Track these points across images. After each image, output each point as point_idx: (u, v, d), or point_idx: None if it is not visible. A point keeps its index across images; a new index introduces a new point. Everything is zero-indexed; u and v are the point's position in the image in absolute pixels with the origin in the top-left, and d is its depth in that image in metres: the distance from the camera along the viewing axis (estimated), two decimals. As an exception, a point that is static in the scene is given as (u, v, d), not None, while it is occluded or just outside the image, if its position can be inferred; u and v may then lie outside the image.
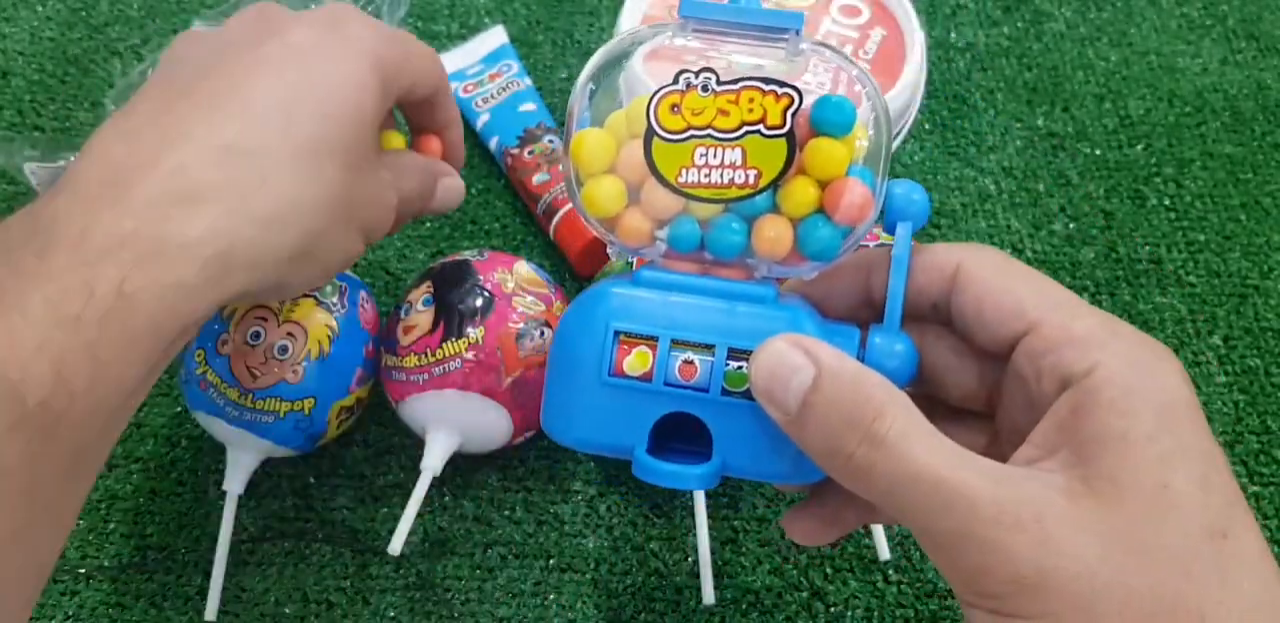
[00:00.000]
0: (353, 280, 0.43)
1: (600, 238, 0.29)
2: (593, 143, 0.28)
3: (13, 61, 0.58)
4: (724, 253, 0.28)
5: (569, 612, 0.41)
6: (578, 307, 0.28)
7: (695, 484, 0.26)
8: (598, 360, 0.27)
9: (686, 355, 0.26)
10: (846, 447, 0.23)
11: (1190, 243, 0.53)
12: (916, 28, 0.44)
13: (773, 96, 0.26)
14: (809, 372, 0.24)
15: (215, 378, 0.40)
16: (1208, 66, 0.60)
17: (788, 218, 0.27)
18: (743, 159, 0.27)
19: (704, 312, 0.27)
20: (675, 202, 0.27)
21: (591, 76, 0.28)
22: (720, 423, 0.26)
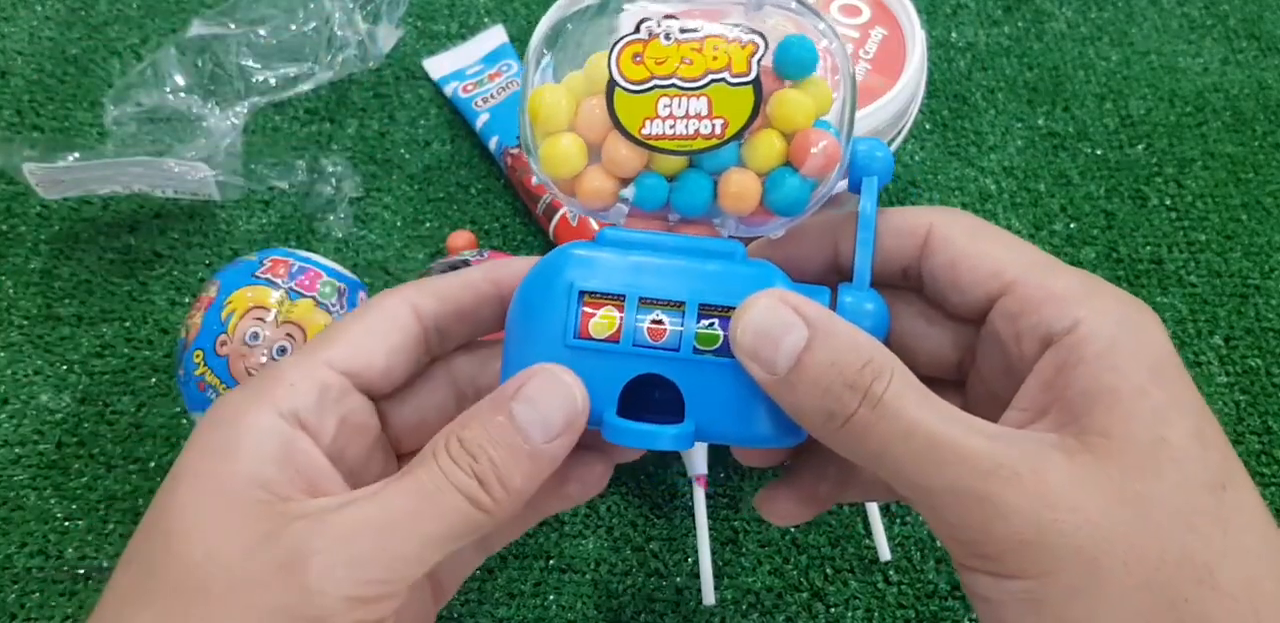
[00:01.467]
0: (352, 281, 0.43)
1: (560, 200, 0.28)
2: (550, 99, 0.26)
3: (12, 61, 0.58)
4: (690, 209, 0.27)
5: (569, 612, 0.41)
6: (539, 269, 0.26)
7: (669, 444, 0.25)
8: (562, 323, 0.25)
9: (655, 315, 0.25)
10: (846, 407, 0.22)
11: (1191, 243, 0.53)
12: (917, 27, 0.44)
13: (737, 43, 0.26)
14: (801, 331, 0.23)
15: (214, 379, 0.39)
16: (1209, 66, 0.59)
17: (754, 172, 0.27)
18: (708, 108, 0.26)
19: (671, 269, 0.26)
20: (638, 157, 0.26)
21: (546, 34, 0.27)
22: (693, 384, 0.25)
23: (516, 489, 0.24)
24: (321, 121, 0.56)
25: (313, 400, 0.25)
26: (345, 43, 0.57)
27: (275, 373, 0.25)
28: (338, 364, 0.25)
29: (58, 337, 0.48)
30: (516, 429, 0.24)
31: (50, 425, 0.46)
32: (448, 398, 0.28)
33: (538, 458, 0.24)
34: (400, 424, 0.28)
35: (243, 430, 0.24)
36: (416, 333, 0.27)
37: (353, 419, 0.26)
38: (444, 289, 0.28)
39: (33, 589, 0.42)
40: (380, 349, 0.26)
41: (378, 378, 0.26)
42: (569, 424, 0.24)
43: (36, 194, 0.49)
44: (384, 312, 0.27)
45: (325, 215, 0.52)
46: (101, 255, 0.51)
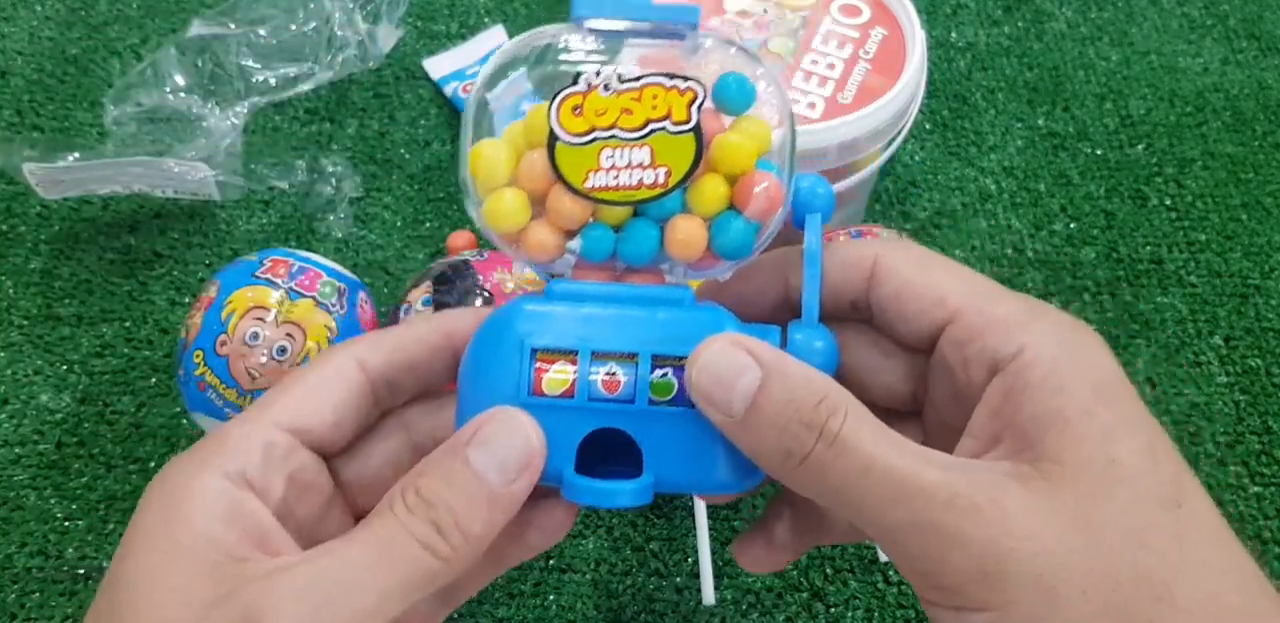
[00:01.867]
0: (352, 281, 0.43)
1: (506, 255, 0.28)
2: (490, 154, 0.26)
3: (12, 61, 0.58)
4: (638, 258, 0.27)
5: (569, 612, 0.41)
6: (489, 327, 0.26)
7: (628, 501, 0.25)
8: (515, 381, 0.25)
9: (608, 368, 0.25)
10: (803, 446, 0.22)
11: (1191, 243, 0.53)
12: (917, 27, 0.44)
13: (676, 91, 0.26)
14: (755, 373, 0.23)
15: (214, 379, 0.39)
16: (1209, 66, 0.59)
17: (699, 217, 0.26)
18: (651, 158, 0.26)
19: (622, 320, 0.26)
20: (583, 209, 0.26)
21: (485, 86, 0.27)
22: (649, 436, 0.25)
23: (475, 536, 0.24)
24: (321, 121, 0.56)
25: (258, 460, 0.25)
26: (345, 43, 0.57)
27: (220, 436, 0.25)
28: (283, 423, 0.25)
29: (58, 337, 0.48)
30: (473, 474, 0.24)
31: (50, 425, 0.46)
32: (402, 450, 0.28)
33: (496, 502, 0.24)
34: (355, 480, 0.28)
35: (190, 494, 0.24)
36: (363, 387, 0.27)
37: (301, 477, 0.26)
38: (392, 342, 0.27)
39: (33, 589, 0.42)
40: (326, 406, 0.26)
41: (326, 434, 0.26)
42: (526, 465, 0.24)
43: (37, 194, 0.49)
44: (329, 368, 0.26)
45: (325, 215, 0.52)
46: (101, 255, 0.51)
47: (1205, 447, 0.46)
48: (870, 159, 0.45)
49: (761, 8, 0.45)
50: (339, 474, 0.27)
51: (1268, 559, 0.43)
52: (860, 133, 0.41)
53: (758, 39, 0.44)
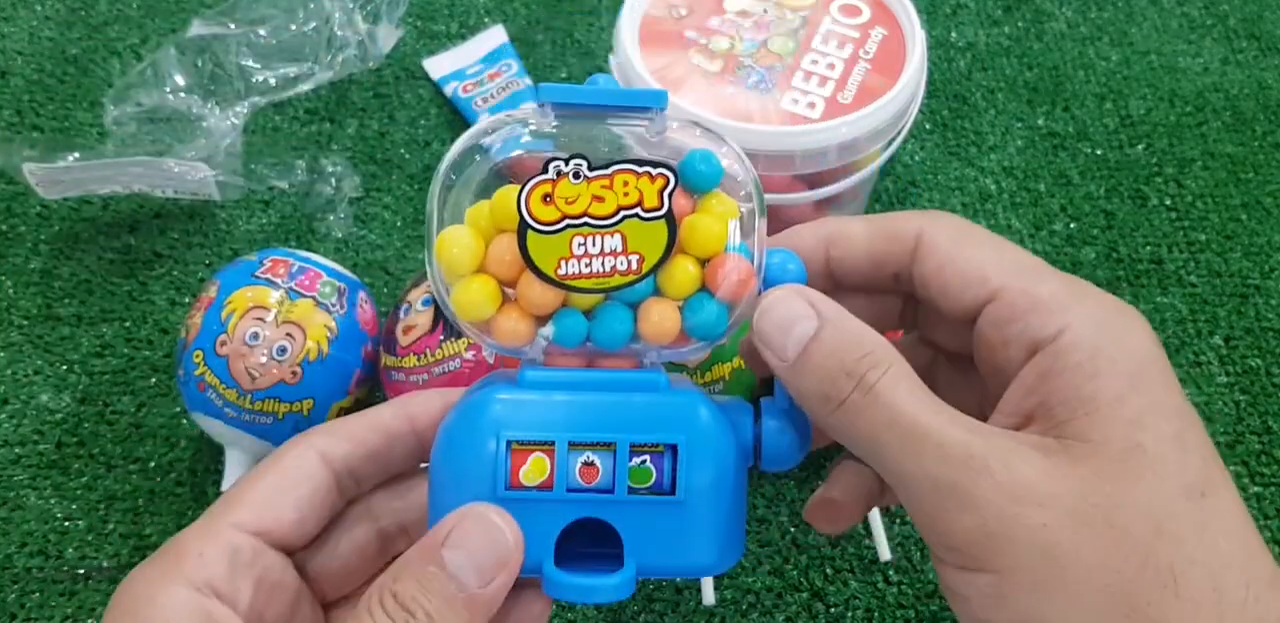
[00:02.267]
0: (351, 281, 0.43)
1: (476, 341, 0.27)
2: (458, 242, 0.26)
3: (12, 61, 0.58)
4: (610, 343, 0.26)
5: (569, 612, 0.41)
6: (461, 418, 0.26)
7: (612, 596, 0.24)
8: (491, 475, 0.25)
9: (586, 457, 0.25)
10: (840, 392, 0.23)
11: (1191, 243, 0.53)
12: (917, 27, 0.44)
13: (647, 178, 0.26)
14: (812, 322, 0.24)
15: (214, 379, 0.39)
16: (1209, 66, 0.59)
17: (671, 299, 0.27)
18: (623, 245, 0.26)
19: (598, 408, 0.25)
20: (555, 297, 0.26)
21: (450, 172, 0.27)
22: (629, 524, 0.25)
23: None
24: (321, 121, 0.56)
25: (224, 568, 0.24)
26: (345, 43, 0.57)
27: (182, 542, 0.25)
28: (246, 526, 0.25)
29: (58, 337, 0.48)
30: (450, 577, 0.23)
31: (50, 425, 0.46)
32: (369, 538, 0.28)
33: (474, 605, 0.24)
34: (322, 572, 0.28)
35: (158, 611, 0.23)
36: (326, 481, 0.27)
37: (269, 578, 0.26)
38: (353, 432, 0.27)
39: (33, 589, 0.42)
40: (288, 504, 0.26)
41: (290, 533, 0.26)
42: (503, 565, 0.24)
43: (36, 194, 0.49)
44: (290, 464, 0.26)
45: (325, 215, 0.52)
46: (101, 255, 0.51)
47: (1205, 447, 0.46)
48: (870, 159, 0.45)
49: (761, 8, 0.45)
50: (305, 567, 0.27)
51: (1268, 559, 0.43)
52: (860, 133, 0.41)
53: (758, 39, 0.44)
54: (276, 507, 0.26)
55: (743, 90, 0.42)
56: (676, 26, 0.45)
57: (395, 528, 0.28)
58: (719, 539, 0.25)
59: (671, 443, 0.25)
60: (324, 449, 0.27)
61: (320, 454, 0.27)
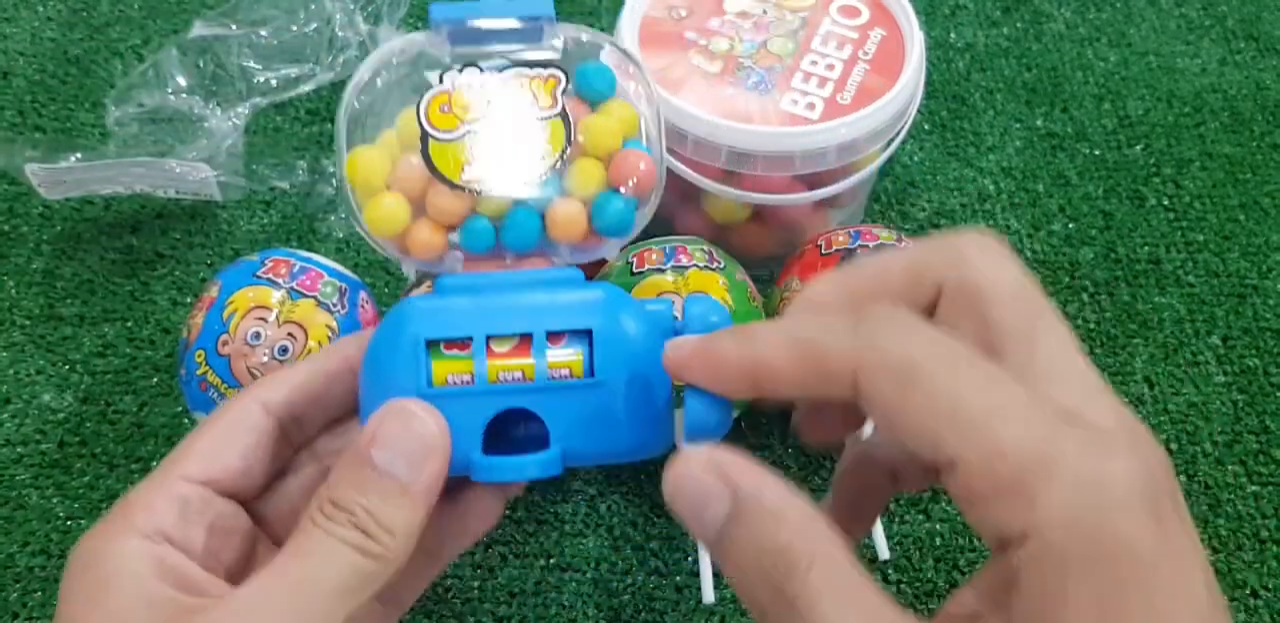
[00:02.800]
0: (353, 281, 0.43)
1: (392, 258, 0.28)
2: (366, 161, 0.27)
3: (14, 62, 0.58)
4: (521, 245, 0.27)
5: (569, 611, 0.41)
6: (383, 328, 0.26)
7: (536, 472, 0.25)
8: (413, 375, 0.25)
9: (505, 349, 0.25)
10: (760, 598, 0.20)
11: (1189, 243, 0.53)
12: (916, 28, 0.44)
13: (539, 79, 0.26)
14: (723, 504, 0.20)
15: (216, 379, 0.40)
16: (1207, 67, 0.60)
17: (578, 199, 0.27)
18: None
19: (513, 304, 0.26)
20: (463, 203, 0.27)
21: (355, 96, 0.27)
22: (552, 410, 0.25)
23: (401, 530, 0.24)
24: (322, 122, 0.56)
25: (174, 517, 0.25)
26: (346, 44, 0.57)
27: (129, 499, 0.25)
28: (194, 476, 0.26)
29: (60, 337, 0.49)
30: (381, 474, 0.24)
31: (52, 425, 0.46)
32: (316, 480, 0.29)
33: (411, 494, 0.24)
34: (275, 517, 0.28)
35: (112, 563, 0.24)
36: (269, 428, 0.27)
37: (221, 524, 0.26)
38: (291, 378, 0.28)
39: (35, 588, 0.42)
40: (234, 452, 0.26)
41: (238, 480, 0.27)
42: (431, 452, 0.24)
43: (39, 194, 0.49)
44: (232, 415, 0.27)
45: (326, 215, 0.53)
46: (104, 255, 0.51)
47: (1203, 446, 0.46)
48: (869, 160, 0.45)
49: (761, 9, 0.46)
50: (261, 515, 0.28)
51: (1266, 558, 0.43)
52: (859, 133, 0.42)
53: (757, 40, 0.44)
54: (222, 456, 0.26)
55: (742, 91, 0.43)
56: (676, 27, 0.45)
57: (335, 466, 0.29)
58: (641, 423, 0.25)
59: (586, 328, 0.25)
60: (264, 399, 0.27)
61: (261, 404, 0.27)
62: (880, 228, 0.44)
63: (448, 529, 0.28)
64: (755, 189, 0.44)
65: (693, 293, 0.28)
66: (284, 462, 0.28)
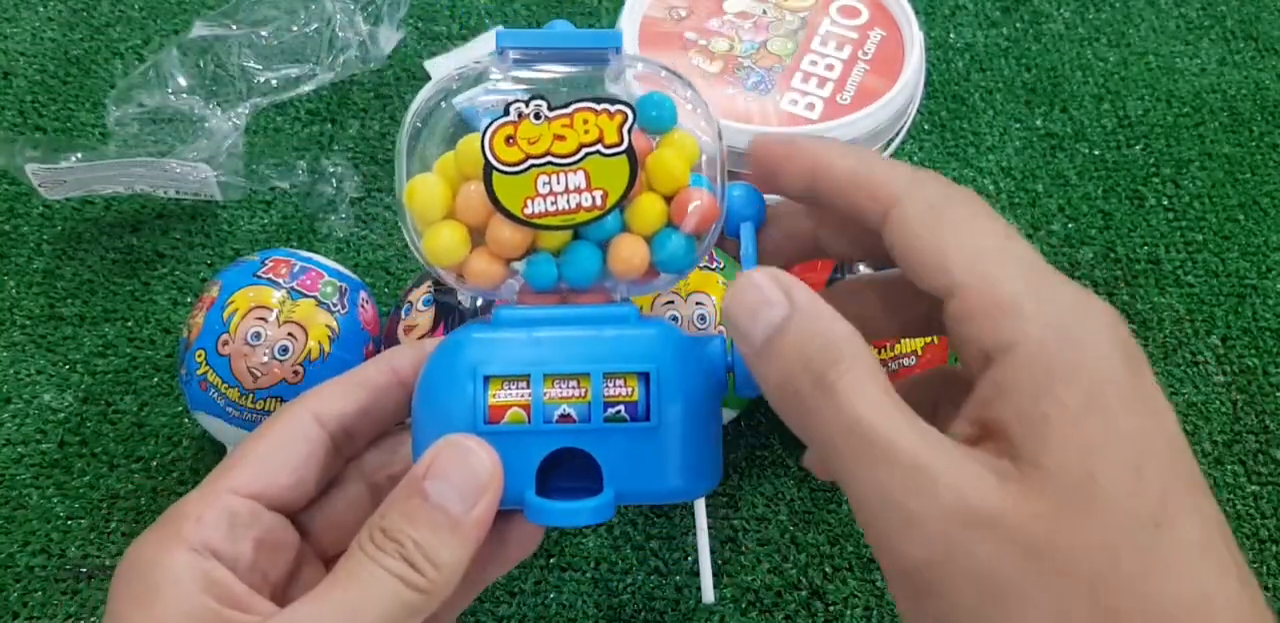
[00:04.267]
0: (353, 281, 0.43)
1: (451, 286, 0.28)
2: (426, 189, 0.27)
3: (14, 62, 0.58)
4: (581, 281, 0.27)
5: (569, 611, 0.41)
6: (438, 357, 0.26)
7: (591, 519, 0.25)
8: (470, 411, 0.25)
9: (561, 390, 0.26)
10: (799, 388, 0.22)
11: (1189, 243, 0.53)
12: (915, 28, 0.44)
13: (606, 115, 0.26)
14: (781, 309, 0.23)
15: (216, 378, 0.40)
16: (1206, 67, 0.60)
17: (638, 235, 0.27)
18: (586, 181, 0.26)
19: (571, 341, 0.26)
20: (523, 237, 0.27)
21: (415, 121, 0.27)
22: (606, 452, 0.25)
23: (447, 565, 0.24)
24: (323, 122, 0.56)
25: (223, 531, 0.25)
26: (346, 44, 0.57)
27: (180, 509, 0.25)
28: (242, 489, 0.26)
29: (60, 336, 0.49)
30: (434, 506, 0.24)
31: (53, 425, 0.46)
32: (362, 494, 0.29)
33: (461, 530, 0.24)
34: (320, 531, 0.28)
35: (160, 573, 0.24)
36: (322, 441, 0.27)
37: (269, 539, 0.26)
38: (342, 390, 0.28)
39: (35, 588, 0.42)
40: (285, 466, 0.26)
41: (287, 494, 0.27)
42: (484, 489, 0.24)
43: (39, 194, 0.49)
44: (284, 426, 0.27)
45: (327, 216, 0.53)
46: (104, 255, 0.51)
47: (1202, 446, 0.46)
48: (869, 159, 0.45)
49: (761, 9, 0.46)
50: (306, 528, 0.28)
51: (1265, 558, 0.43)
52: (859, 134, 0.42)
53: (757, 40, 0.45)
54: (272, 469, 0.26)
55: (742, 91, 0.43)
56: (676, 27, 0.45)
57: (386, 482, 0.29)
58: (694, 464, 0.25)
59: (644, 371, 0.25)
60: (316, 410, 0.27)
61: (314, 415, 0.27)
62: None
63: (488, 558, 0.28)
64: (755, 189, 0.44)
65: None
66: (333, 475, 0.28)
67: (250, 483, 0.26)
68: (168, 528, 0.25)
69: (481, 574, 0.29)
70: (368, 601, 0.23)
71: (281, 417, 0.27)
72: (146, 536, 0.25)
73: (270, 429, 0.27)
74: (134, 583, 0.24)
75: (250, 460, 0.26)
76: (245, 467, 0.26)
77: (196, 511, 0.25)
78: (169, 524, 0.25)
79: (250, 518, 0.26)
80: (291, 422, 0.27)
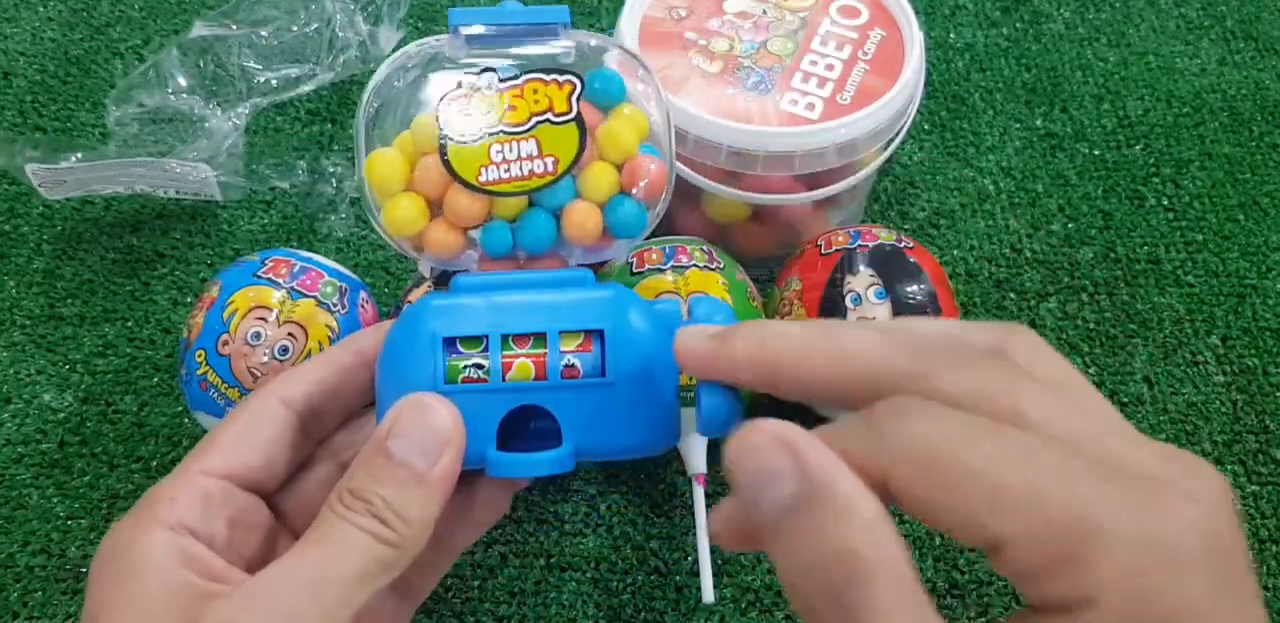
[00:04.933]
0: (353, 281, 0.43)
1: (410, 257, 0.29)
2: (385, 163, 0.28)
3: (14, 62, 0.58)
4: (537, 246, 0.28)
5: (569, 611, 0.41)
6: (399, 325, 0.27)
7: (548, 469, 0.25)
8: (430, 372, 0.26)
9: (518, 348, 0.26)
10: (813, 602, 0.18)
11: (1189, 243, 0.53)
12: (915, 28, 0.44)
13: (555, 85, 0.27)
14: (790, 484, 0.19)
15: (216, 378, 0.40)
16: (1206, 67, 0.60)
17: (592, 202, 0.28)
18: (538, 149, 0.27)
19: (527, 303, 0.27)
20: (480, 205, 0.28)
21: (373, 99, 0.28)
22: (565, 408, 0.26)
23: (416, 519, 0.24)
24: (323, 122, 0.56)
25: (197, 510, 0.26)
26: (346, 44, 0.57)
27: (155, 493, 0.26)
28: (214, 471, 0.26)
29: (60, 336, 0.49)
30: (399, 464, 0.24)
31: (53, 425, 0.46)
32: (333, 474, 0.29)
33: (427, 484, 0.25)
34: (294, 510, 0.29)
35: (137, 552, 0.24)
36: (290, 422, 0.28)
37: (243, 518, 0.27)
38: (308, 373, 0.29)
39: (35, 588, 0.42)
40: (255, 447, 0.27)
41: (259, 474, 0.27)
42: (445, 443, 0.25)
43: (39, 194, 0.49)
44: (252, 410, 0.28)
45: (327, 215, 0.53)
46: (104, 255, 0.51)
47: (1203, 446, 0.46)
48: (869, 160, 0.45)
49: (761, 8, 0.46)
50: (280, 508, 0.28)
51: (1265, 558, 0.43)
52: (859, 134, 0.42)
53: (757, 40, 0.45)
54: (242, 451, 0.27)
55: (742, 91, 0.43)
56: (676, 27, 0.45)
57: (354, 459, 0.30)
58: (651, 421, 0.26)
59: (598, 329, 0.26)
60: (283, 394, 0.28)
61: (280, 399, 0.28)
62: (880, 228, 0.44)
63: (458, 521, 0.29)
64: (755, 189, 0.44)
65: (694, 293, 0.29)
66: (304, 456, 0.29)
67: (222, 465, 0.27)
68: (143, 511, 0.25)
69: (453, 540, 0.29)
70: (342, 556, 0.24)
71: (248, 402, 0.28)
72: (123, 520, 0.26)
73: (239, 414, 0.28)
74: (111, 563, 0.25)
75: (220, 444, 0.27)
76: (216, 450, 0.27)
77: (170, 493, 0.26)
78: (144, 508, 0.26)
79: (224, 498, 0.26)
80: (259, 406, 0.28)
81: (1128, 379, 0.48)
